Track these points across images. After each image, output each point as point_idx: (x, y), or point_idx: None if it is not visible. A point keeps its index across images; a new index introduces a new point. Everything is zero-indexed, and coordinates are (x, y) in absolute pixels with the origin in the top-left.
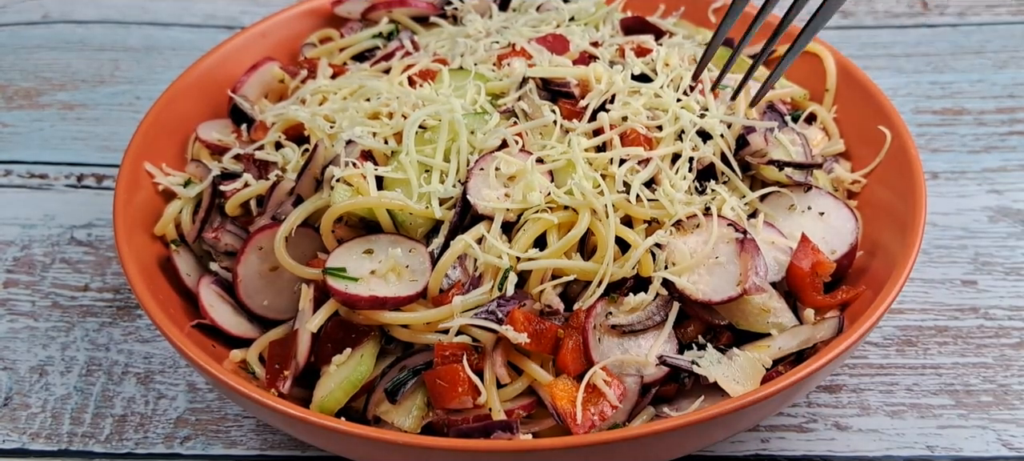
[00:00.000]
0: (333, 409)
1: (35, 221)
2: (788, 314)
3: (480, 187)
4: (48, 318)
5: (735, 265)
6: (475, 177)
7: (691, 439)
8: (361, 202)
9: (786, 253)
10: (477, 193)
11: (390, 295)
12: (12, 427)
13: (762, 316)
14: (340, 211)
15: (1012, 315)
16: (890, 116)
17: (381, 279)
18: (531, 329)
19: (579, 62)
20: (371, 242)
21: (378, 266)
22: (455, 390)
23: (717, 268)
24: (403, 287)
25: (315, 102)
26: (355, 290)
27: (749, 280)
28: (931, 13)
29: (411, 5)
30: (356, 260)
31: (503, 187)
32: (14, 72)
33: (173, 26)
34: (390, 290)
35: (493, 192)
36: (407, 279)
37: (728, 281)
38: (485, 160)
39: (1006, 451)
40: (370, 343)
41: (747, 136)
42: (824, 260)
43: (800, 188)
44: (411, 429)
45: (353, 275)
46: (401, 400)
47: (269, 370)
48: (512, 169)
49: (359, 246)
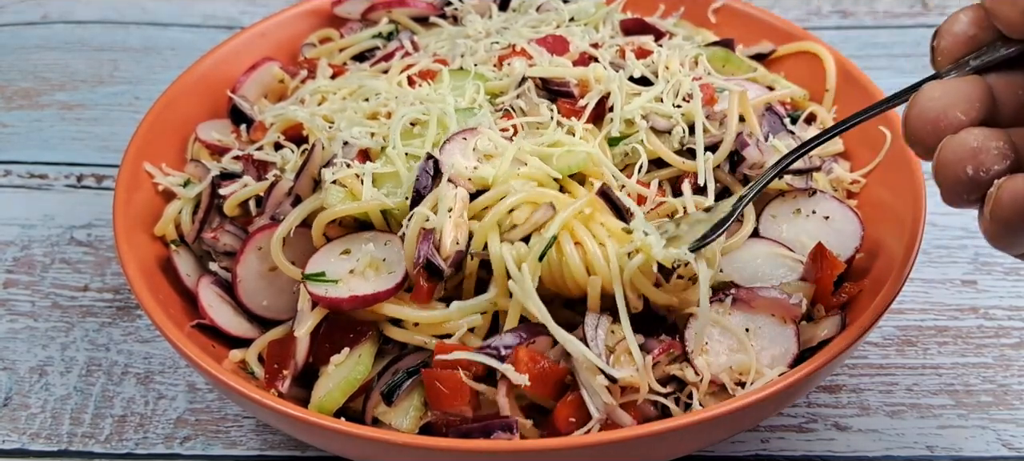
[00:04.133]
0: (331, 409)
1: (35, 221)
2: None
3: (454, 153)
4: (48, 318)
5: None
6: (452, 144)
7: (691, 439)
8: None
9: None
10: (449, 158)
11: (370, 292)
12: (12, 427)
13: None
14: (328, 218)
15: (1012, 315)
16: (890, 116)
17: (360, 277)
18: (534, 371)
19: (579, 63)
20: (348, 242)
21: (355, 265)
22: (455, 399)
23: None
24: (381, 282)
25: (314, 102)
26: (335, 292)
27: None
28: (931, 13)
29: (411, 5)
30: (335, 262)
31: (476, 162)
32: (14, 72)
33: (173, 26)
34: (369, 287)
35: (464, 162)
36: (384, 272)
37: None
38: (468, 132)
39: (1006, 451)
40: (368, 342)
41: (741, 150)
42: (839, 262)
43: (805, 192)
44: (409, 429)
45: (333, 278)
46: (397, 402)
47: (268, 370)
48: (489, 147)
49: (337, 247)
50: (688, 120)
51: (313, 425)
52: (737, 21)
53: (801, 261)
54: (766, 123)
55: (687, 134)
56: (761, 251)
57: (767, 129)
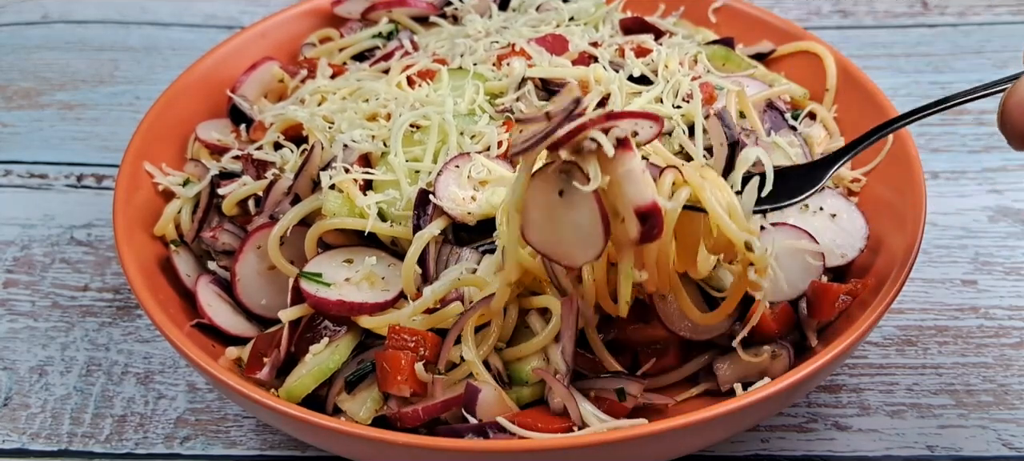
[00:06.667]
0: (300, 395)
1: (35, 221)
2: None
3: (449, 184)
4: (48, 318)
5: None
6: (446, 174)
7: (691, 439)
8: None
9: (816, 259)
10: (444, 189)
11: (357, 301)
12: (12, 427)
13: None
14: (325, 229)
15: (1012, 315)
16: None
17: (354, 287)
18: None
19: (579, 63)
20: (353, 252)
21: (353, 275)
22: (395, 377)
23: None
24: (375, 295)
25: (314, 102)
26: (325, 294)
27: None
28: (931, 13)
29: (411, 5)
30: (335, 267)
31: (473, 190)
32: (14, 72)
33: (173, 26)
34: (360, 297)
35: (461, 192)
36: (379, 288)
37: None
38: (462, 159)
39: (1006, 451)
40: (348, 336)
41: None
42: (834, 290)
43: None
44: (363, 419)
45: (327, 281)
46: (357, 391)
47: (251, 358)
48: (483, 174)
49: (341, 255)
50: (688, 121)
51: (313, 425)
52: (737, 21)
53: (821, 252)
54: (767, 120)
55: (687, 135)
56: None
57: (768, 125)
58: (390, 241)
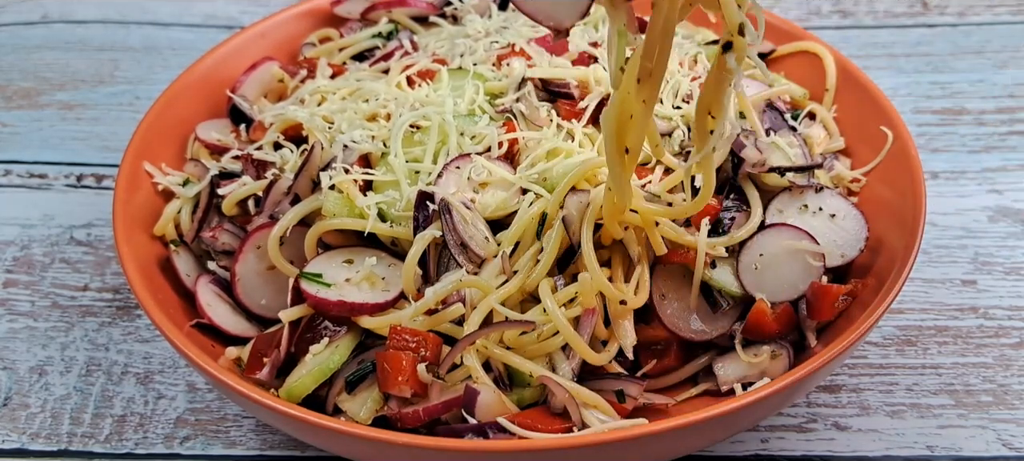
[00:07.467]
0: (300, 395)
1: (35, 221)
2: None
3: (449, 186)
4: (48, 318)
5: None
6: (446, 176)
7: (691, 439)
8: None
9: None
10: (444, 191)
11: (358, 301)
12: (12, 427)
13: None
14: (324, 229)
15: (1012, 315)
16: (890, 116)
17: (354, 287)
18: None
19: (579, 63)
20: (353, 253)
21: (354, 275)
22: (396, 377)
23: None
24: (375, 295)
25: (314, 102)
26: (325, 295)
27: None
28: (931, 13)
29: (411, 5)
30: (335, 267)
31: (473, 192)
32: (14, 72)
33: (173, 26)
34: (360, 297)
35: (461, 194)
36: (379, 289)
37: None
38: (461, 160)
39: (1006, 451)
40: (348, 336)
41: (739, 152)
42: (833, 291)
43: (811, 188)
44: (363, 420)
45: (327, 281)
46: (358, 391)
47: (251, 359)
48: (483, 176)
49: (341, 255)
50: (688, 122)
51: (313, 425)
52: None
53: (821, 252)
54: (767, 120)
55: (686, 136)
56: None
57: (768, 125)
58: (390, 242)
